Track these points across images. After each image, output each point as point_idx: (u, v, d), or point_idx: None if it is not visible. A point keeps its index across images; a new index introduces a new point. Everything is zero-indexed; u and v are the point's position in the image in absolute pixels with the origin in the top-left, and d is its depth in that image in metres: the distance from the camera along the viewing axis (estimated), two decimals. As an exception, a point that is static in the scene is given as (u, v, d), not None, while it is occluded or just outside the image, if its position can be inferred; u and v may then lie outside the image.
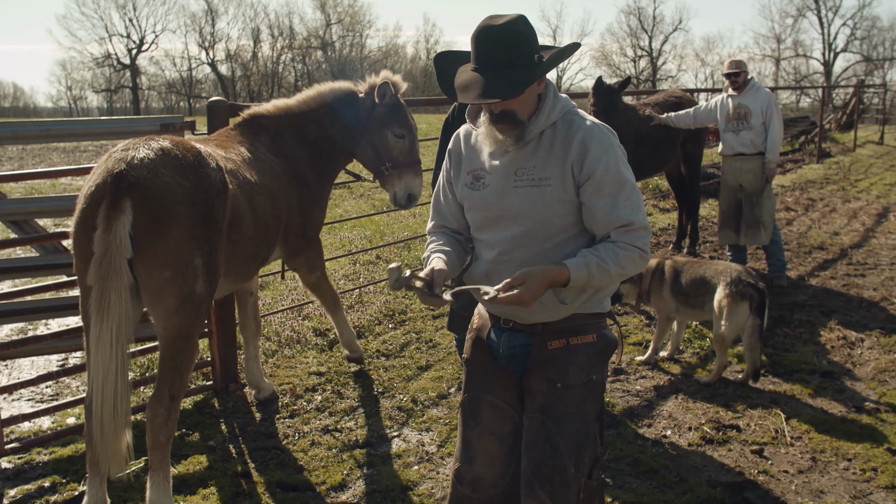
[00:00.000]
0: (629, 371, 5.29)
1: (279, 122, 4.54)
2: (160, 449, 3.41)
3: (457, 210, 2.64)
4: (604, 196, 2.34)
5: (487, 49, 2.28)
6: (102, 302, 3.13)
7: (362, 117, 4.68)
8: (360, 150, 4.78)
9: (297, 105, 4.62)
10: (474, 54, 2.31)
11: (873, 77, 53.85)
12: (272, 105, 4.58)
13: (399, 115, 4.75)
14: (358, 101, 4.68)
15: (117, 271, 3.12)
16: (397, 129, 4.74)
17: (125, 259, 3.14)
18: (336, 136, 4.66)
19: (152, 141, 3.44)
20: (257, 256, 4.18)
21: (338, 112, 4.64)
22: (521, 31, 2.28)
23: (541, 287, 2.26)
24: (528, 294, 2.24)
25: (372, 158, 4.78)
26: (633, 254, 2.34)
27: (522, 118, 2.35)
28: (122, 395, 3.19)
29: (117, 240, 3.11)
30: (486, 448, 2.57)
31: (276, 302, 6.89)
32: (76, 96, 63.24)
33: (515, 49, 2.27)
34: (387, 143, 4.72)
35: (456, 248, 2.59)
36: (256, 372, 4.83)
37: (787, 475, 3.92)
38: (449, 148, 2.65)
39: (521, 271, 2.28)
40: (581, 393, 2.47)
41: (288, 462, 4.11)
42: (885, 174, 15.57)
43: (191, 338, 3.47)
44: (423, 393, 4.92)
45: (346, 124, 4.68)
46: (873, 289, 7.17)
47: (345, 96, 4.68)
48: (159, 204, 3.22)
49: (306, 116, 4.61)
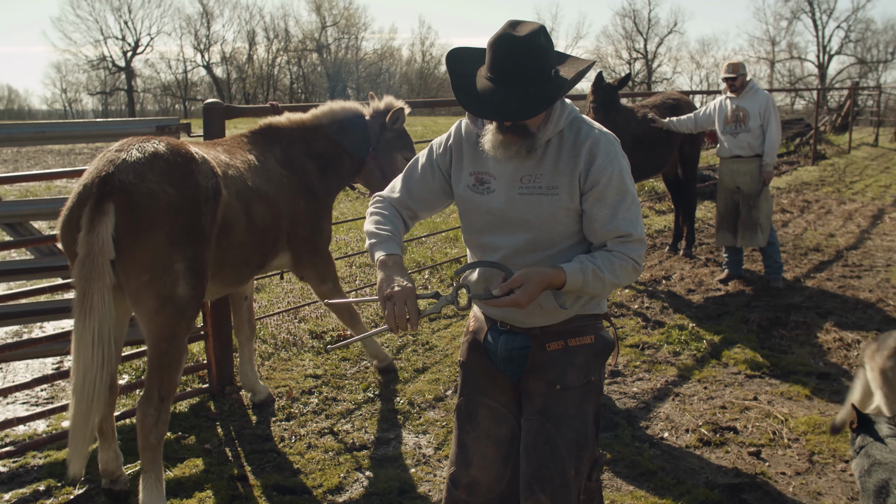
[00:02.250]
0: (626, 373, 5.28)
1: (291, 135, 4.57)
2: (151, 450, 3.41)
3: (431, 196, 2.60)
4: (605, 206, 2.33)
5: (507, 61, 2.21)
6: (85, 302, 3.18)
7: (372, 140, 4.74)
8: (368, 172, 4.86)
9: (310, 120, 4.67)
10: (492, 63, 2.24)
11: (868, 79, 53.98)
12: (286, 118, 4.62)
13: (407, 140, 4.87)
14: (366, 124, 4.73)
15: (100, 272, 3.16)
16: (407, 153, 4.83)
17: (108, 260, 3.18)
18: (344, 154, 4.72)
19: (147, 143, 3.43)
20: (250, 262, 4.17)
21: (347, 131, 4.71)
22: (542, 44, 2.22)
23: (537, 289, 2.24)
24: (525, 296, 2.22)
25: (379, 180, 4.82)
26: (627, 264, 2.33)
27: (532, 130, 2.31)
28: (99, 395, 3.21)
29: (100, 241, 3.16)
30: (483, 451, 2.55)
31: (273, 304, 6.87)
32: (71, 99, 63.09)
33: (535, 63, 2.21)
34: (396, 166, 4.77)
35: (401, 237, 2.55)
36: (252, 375, 4.81)
37: (785, 477, 3.92)
38: (449, 136, 2.57)
39: (518, 273, 2.26)
40: (580, 394, 2.46)
41: (284, 465, 4.09)
42: (880, 176, 15.61)
43: (176, 338, 3.47)
44: (420, 395, 4.91)
45: (355, 144, 4.74)
46: (869, 290, 7.18)
47: (354, 117, 4.75)
48: (141, 210, 3.25)
49: (317, 132, 4.65)
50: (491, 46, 2.25)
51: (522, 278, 2.24)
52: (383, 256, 2.41)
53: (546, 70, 2.23)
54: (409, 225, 2.66)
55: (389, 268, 2.36)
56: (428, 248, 9.27)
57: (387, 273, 2.34)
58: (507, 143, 2.30)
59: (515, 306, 2.25)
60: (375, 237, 2.49)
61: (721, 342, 5.84)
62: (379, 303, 2.32)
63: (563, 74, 2.29)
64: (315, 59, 64.14)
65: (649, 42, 62.71)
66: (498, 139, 2.31)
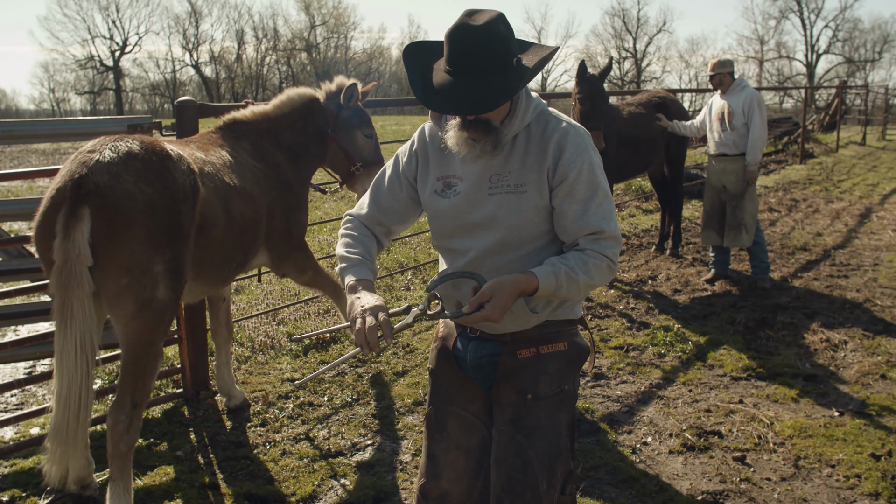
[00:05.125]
0: (609, 376, 5.19)
1: (258, 128, 4.46)
2: (121, 458, 3.30)
3: (401, 207, 2.48)
4: (575, 201, 2.22)
5: (464, 52, 2.10)
6: (65, 311, 3.08)
7: (330, 121, 4.64)
8: (332, 155, 4.77)
9: (272, 110, 4.56)
10: (449, 55, 2.13)
11: (855, 78, 54.28)
12: (249, 111, 4.52)
13: (364, 117, 4.77)
14: (322, 107, 4.64)
15: (78, 280, 3.06)
16: (366, 129, 4.75)
17: (85, 267, 3.08)
18: (308, 141, 4.62)
19: (120, 142, 3.32)
20: (232, 261, 4.07)
21: (308, 117, 4.62)
22: (502, 32, 2.11)
23: (509, 300, 2.11)
24: (497, 310, 2.10)
25: (343, 161, 4.77)
26: (601, 263, 2.21)
27: (496, 124, 2.20)
28: (85, 405, 3.13)
29: (77, 248, 3.05)
30: (453, 463, 2.44)
31: (252, 306, 6.75)
32: (59, 98, 62.74)
33: (495, 53, 2.09)
34: (357, 144, 4.72)
35: (373, 258, 2.43)
36: (228, 379, 4.69)
37: (770, 483, 3.83)
38: (413, 142, 2.47)
39: (487, 285, 2.13)
40: (553, 404, 2.35)
41: (258, 472, 3.98)
42: (868, 175, 15.60)
43: (153, 344, 3.35)
44: (399, 399, 4.80)
45: (317, 129, 4.66)
46: (856, 290, 7.11)
47: (311, 101, 4.65)
48: (118, 212, 3.13)
49: (281, 122, 4.54)
50: (448, 38, 2.14)
51: (491, 290, 2.12)
52: (353, 281, 2.29)
53: (506, 59, 2.12)
54: (383, 243, 2.54)
55: (359, 291, 2.25)
56: (411, 248, 9.17)
57: (355, 296, 2.23)
58: (470, 139, 2.20)
59: (488, 321, 2.13)
60: (346, 261, 2.37)
61: (707, 343, 5.76)
62: (350, 327, 2.19)
63: (526, 63, 2.18)
64: (304, 59, 64.01)
65: (638, 41, 62.93)
66: (461, 136, 2.20)
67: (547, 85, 65.03)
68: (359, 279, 2.30)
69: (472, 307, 2.13)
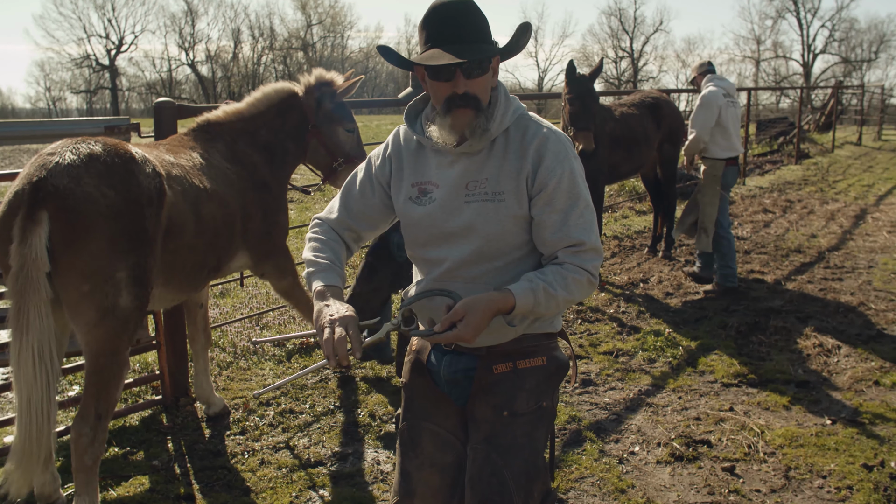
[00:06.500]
0: (598, 382, 5.09)
1: (232, 128, 4.31)
2: (85, 472, 3.19)
3: (372, 213, 2.39)
4: (554, 211, 2.11)
5: (448, 24, 2.05)
6: (21, 318, 2.97)
7: (310, 117, 4.49)
8: (312, 150, 4.59)
9: (247, 109, 4.40)
10: (431, 33, 2.07)
11: (851, 78, 54.20)
12: (222, 111, 4.36)
13: (346, 110, 4.62)
14: (300, 101, 4.49)
15: (35, 286, 2.95)
16: (347, 123, 4.59)
17: (43, 273, 2.96)
18: (287, 138, 4.46)
19: (82, 144, 3.20)
20: (204, 266, 3.94)
21: (286, 113, 4.46)
22: (479, 9, 2.10)
23: (483, 319, 2.00)
24: (470, 330, 1.99)
25: (325, 156, 4.60)
26: (581, 277, 2.10)
27: (483, 105, 2.12)
28: (47, 417, 3.01)
29: (33, 254, 2.93)
30: (427, 480, 2.33)
31: (236, 310, 6.64)
32: (55, 97, 62.49)
33: (478, 24, 2.08)
34: (339, 138, 4.56)
35: (343, 264, 2.33)
36: (206, 386, 4.58)
37: (760, 494, 3.73)
38: (387, 145, 2.37)
39: (460, 303, 2.02)
40: (530, 421, 2.24)
41: (235, 483, 3.87)
42: (863, 175, 15.52)
43: (117, 353, 3.23)
44: (382, 407, 4.70)
45: (295, 125, 4.50)
46: (850, 293, 7.02)
47: (288, 97, 4.48)
48: (78, 216, 3.01)
49: (257, 120, 4.39)
50: (428, 18, 2.10)
51: (465, 309, 2.00)
52: (321, 287, 2.18)
53: (488, 32, 2.12)
54: (352, 248, 2.44)
55: (327, 298, 2.14)
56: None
57: (323, 303, 2.12)
58: (457, 123, 2.11)
59: (460, 341, 2.02)
60: (313, 266, 2.26)
61: (698, 349, 5.66)
62: (316, 336, 2.09)
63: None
64: (301, 58, 63.80)
65: (635, 41, 62.88)
66: (447, 122, 2.11)
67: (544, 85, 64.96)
68: (327, 285, 2.19)
69: (444, 325, 2.02)
